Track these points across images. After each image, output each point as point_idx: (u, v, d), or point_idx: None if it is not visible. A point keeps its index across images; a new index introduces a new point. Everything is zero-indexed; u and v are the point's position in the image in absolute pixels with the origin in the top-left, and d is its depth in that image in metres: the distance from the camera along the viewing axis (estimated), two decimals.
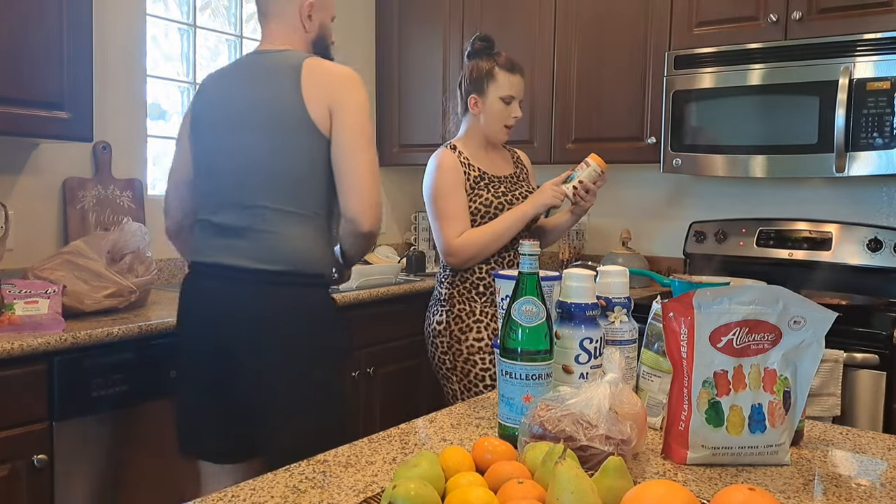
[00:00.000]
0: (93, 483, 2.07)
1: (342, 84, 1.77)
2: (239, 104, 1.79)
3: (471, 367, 2.26)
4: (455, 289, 2.32)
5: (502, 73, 2.27)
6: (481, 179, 2.29)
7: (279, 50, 1.85)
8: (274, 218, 1.74)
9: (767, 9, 2.67)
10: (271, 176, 1.75)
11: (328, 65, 1.81)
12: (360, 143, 1.75)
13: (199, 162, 1.87)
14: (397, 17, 3.69)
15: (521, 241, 1.20)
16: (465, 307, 2.29)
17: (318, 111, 1.74)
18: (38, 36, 2.18)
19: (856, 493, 1.03)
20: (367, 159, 1.76)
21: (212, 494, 0.99)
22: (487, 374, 2.23)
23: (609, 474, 0.88)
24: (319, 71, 1.77)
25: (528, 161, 2.51)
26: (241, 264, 1.73)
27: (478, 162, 2.32)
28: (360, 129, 1.76)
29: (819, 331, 1.12)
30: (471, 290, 2.30)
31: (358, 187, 1.75)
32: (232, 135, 1.79)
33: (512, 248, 2.32)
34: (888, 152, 2.40)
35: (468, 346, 2.26)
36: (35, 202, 2.56)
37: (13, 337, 1.90)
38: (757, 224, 2.97)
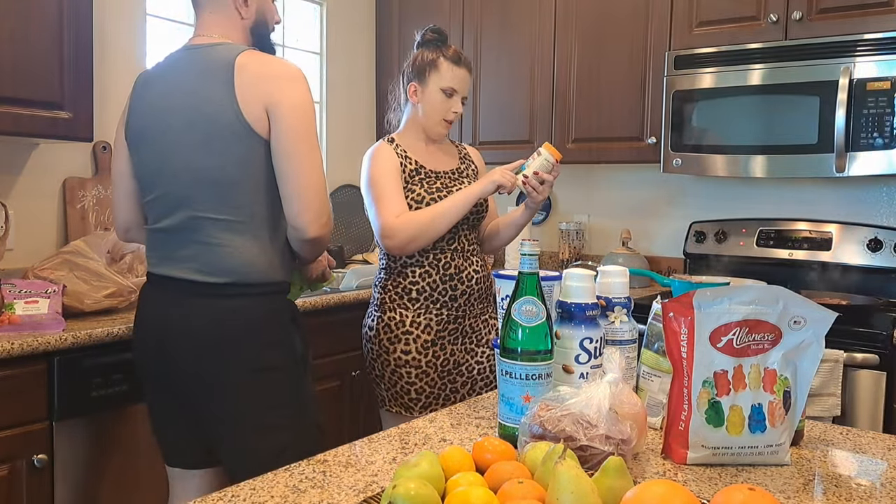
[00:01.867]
0: (93, 483, 2.07)
1: (278, 81, 1.64)
2: (171, 107, 1.68)
3: (397, 378, 2.12)
4: (387, 294, 2.15)
5: (447, 63, 2.17)
6: (417, 174, 2.15)
7: (212, 44, 1.70)
8: (213, 228, 1.65)
9: (767, 9, 2.67)
10: (209, 184, 1.64)
11: (264, 60, 1.67)
12: (301, 146, 1.63)
13: (138, 170, 1.77)
14: (397, 17, 3.69)
15: (521, 241, 1.20)
16: (394, 316, 2.12)
17: (254, 112, 1.61)
18: (39, 36, 2.18)
19: (856, 493, 1.03)
20: (309, 162, 1.63)
21: (212, 494, 0.99)
22: (413, 388, 2.10)
23: (609, 474, 0.88)
24: (253, 68, 1.64)
25: (479, 158, 2.36)
26: (186, 276, 1.66)
27: (416, 155, 2.18)
28: (299, 130, 1.63)
29: (819, 331, 1.12)
30: (402, 296, 2.13)
31: (299, 193, 1.63)
32: (167, 141, 1.68)
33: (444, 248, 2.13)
34: (888, 152, 2.40)
35: (395, 357, 2.11)
36: (35, 202, 2.56)
37: (13, 337, 1.90)
38: (757, 224, 2.97)
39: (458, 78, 2.18)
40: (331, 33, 3.59)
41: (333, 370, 2.75)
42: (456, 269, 2.13)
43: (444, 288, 2.12)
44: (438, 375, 2.12)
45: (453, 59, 2.18)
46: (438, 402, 2.14)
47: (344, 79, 3.67)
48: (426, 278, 2.12)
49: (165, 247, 1.71)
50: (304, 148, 1.63)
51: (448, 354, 2.13)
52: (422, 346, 2.10)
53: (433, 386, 2.12)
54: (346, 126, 3.69)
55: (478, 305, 2.19)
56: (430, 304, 2.11)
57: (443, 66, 2.17)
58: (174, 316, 1.68)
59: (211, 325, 1.65)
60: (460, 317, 2.15)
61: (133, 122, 1.77)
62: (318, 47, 3.59)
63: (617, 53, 3.02)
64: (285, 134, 1.62)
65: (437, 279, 2.12)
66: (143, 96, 1.76)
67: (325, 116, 3.61)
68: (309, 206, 1.64)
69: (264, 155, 1.64)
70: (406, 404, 2.12)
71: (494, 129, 3.37)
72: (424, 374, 2.10)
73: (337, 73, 3.64)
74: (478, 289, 2.18)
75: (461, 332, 2.16)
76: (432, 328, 2.11)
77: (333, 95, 3.63)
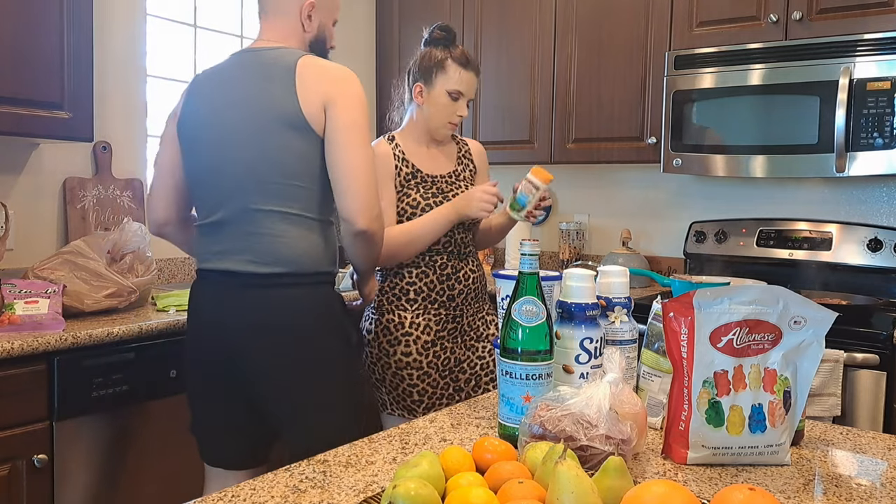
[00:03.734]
0: (93, 483, 2.07)
1: (336, 80, 1.73)
2: (231, 104, 1.76)
3: (399, 381, 2.10)
4: (384, 295, 2.13)
5: (454, 65, 2.12)
6: (413, 177, 2.13)
7: (273, 48, 1.80)
8: (267, 219, 1.71)
9: (767, 9, 2.67)
10: (264, 177, 1.72)
11: (323, 62, 1.78)
12: (353, 140, 1.71)
13: (190, 165, 1.84)
14: (397, 17, 3.69)
15: (521, 241, 1.20)
16: (393, 317, 2.10)
17: (312, 109, 1.70)
18: (39, 36, 2.18)
19: (856, 493, 1.03)
20: (360, 156, 1.71)
21: (212, 494, 0.99)
22: (415, 391, 2.09)
23: (609, 474, 0.88)
24: (314, 69, 1.74)
25: (479, 155, 2.32)
26: (240, 269, 1.72)
27: (414, 157, 2.16)
28: (352, 126, 1.71)
29: (819, 331, 1.12)
30: (400, 297, 2.12)
31: (349, 184, 1.70)
32: (224, 136, 1.75)
33: (440, 251, 2.13)
34: (888, 152, 2.40)
35: (396, 360, 2.09)
36: (35, 202, 2.56)
37: (13, 337, 1.90)
38: (757, 224, 2.97)
39: (465, 81, 2.14)
40: None
41: None
42: (453, 270, 2.13)
43: (442, 288, 2.12)
44: (440, 375, 2.11)
45: (461, 62, 2.14)
46: (442, 401, 2.13)
47: None
48: (423, 279, 2.11)
49: (218, 241, 1.76)
50: (356, 142, 1.71)
51: (448, 353, 2.12)
52: (422, 347, 2.09)
53: (436, 386, 2.11)
54: None
55: (474, 304, 2.19)
56: (429, 304, 2.11)
57: (450, 69, 2.13)
58: (230, 308, 1.72)
59: (269, 315, 1.71)
60: (458, 315, 2.14)
61: (188, 118, 1.83)
62: None
63: (617, 53, 3.02)
64: (339, 128, 1.70)
65: (434, 279, 2.11)
66: (200, 94, 1.83)
67: None
68: (357, 195, 1.71)
69: (319, 151, 1.72)
70: (409, 406, 2.12)
71: (494, 129, 3.37)
72: (426, 374, 2.09)
73: None
74: (474, 288, 2.18)
75: (460, 330, 2.15)
76: (431, 328, 2.10)
77: None
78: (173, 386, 2.22)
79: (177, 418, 2.25)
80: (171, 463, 2.24)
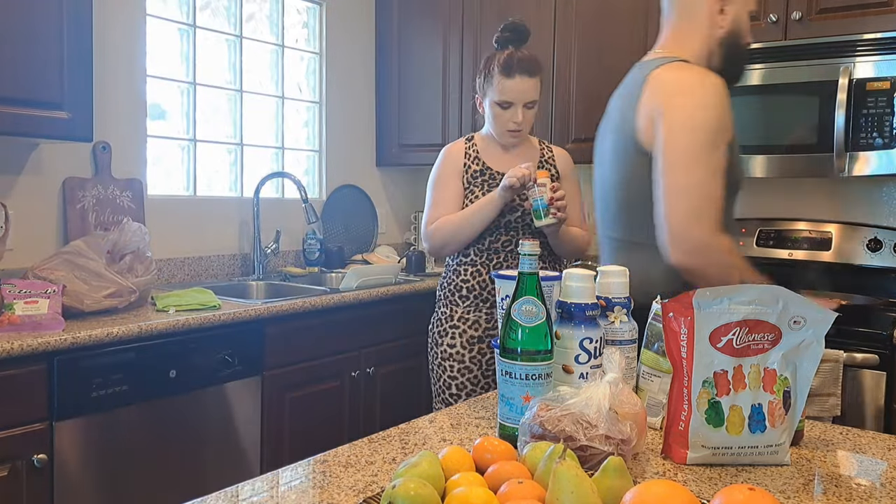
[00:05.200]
0: (93, 483, 2.07)
1: (669, 90, 1.53)
2: (605, 124, 1.69)
3: (441, 371, 2.19)
4: (443, 290, 2.25)
5: (498, 76, 2.09)
6: (481, 175, 2.17)
7: (652, 59, 1.64)
8: (617, 249, 1.63)
9: (767, 9, 2.67)
10: (613, 204, 1.62)
11: (674, 72, 1.56)
12: (672, 160, 1.48)
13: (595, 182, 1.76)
14: (397, 17, 3.69)
15: (521, 241, 1.20)
16: (446, 311, 2.21)
17: (644, 125, 1.54)
18: (38, 36, 2.18)
19: (856, 493, 1.03)
20: (675, 179, 1.47)
21: (212, 494, 0.99)
22: (454, 383, 2.13)
23: (609, 474, 0.88)
24: (658, 81, 1.55)
25: (563, 160, 2.30)
26: None
27: (488, 156, 2.20)
28: (674, 143, 1.48)
29: (819, 331, 1.12)
30: (455, 292, 2.21)
31: (660, 214, 1.50)
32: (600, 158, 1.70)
33: (498, 250, 2.16)
34: (888, 152, 2.40)
35: (441, 350, 2.18)
36: (35, 202, 2.56)
37: (13, 337, 1.90)
38: (757, 224, 2.97)
39: (510, 90, 2.08)
40: (331, 33, 3.59)
41: (333, 370, 2.75)
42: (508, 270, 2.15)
43: (494, 288, 2.12)
44: (482, 373, 2.14)
45: (505, 70, 2.07)
46: None
47: (344, 79, 3.67)
48: (477, 276, 2.16)
49: None
50: (676, 161, 1.49)
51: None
52: (467, 341, 2.15)
53: (475, 384, 2.13)
54: (345, 126, 3.69)
55: None
56: (481, 301, 2.16)
57: (495, 79, 2.10)
58: None
59: None
60: None
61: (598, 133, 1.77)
62: (318, 47, 3.59)
63: (617, 53, 3.02)
64: (662, 145, 1.51)
65: (486, 278, 2.15)
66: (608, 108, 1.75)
67: (324, 116, 3.61)
68: (665, 226, 1.50)
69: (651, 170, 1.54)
70: (447, 400, 2.16)
71: None
72: (467, 369, 2.13)
73: (337, 73, 3.63)
74: None
75: None
76: (480, 325, 2.15)
77: (333, 95, 3.63)
78: (173, 386, 2.22)
79: (177, 418, 2.25)
80: (170, 463, 2.24)
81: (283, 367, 2.57)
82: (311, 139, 3.62)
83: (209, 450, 2.34)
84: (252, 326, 2.45)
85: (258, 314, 2.44)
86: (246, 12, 3.28)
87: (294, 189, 3.17)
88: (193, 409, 2.29)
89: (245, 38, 3.28)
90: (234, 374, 2.40)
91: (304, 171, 3.60)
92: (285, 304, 2.54)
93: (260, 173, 3.30)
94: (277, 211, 3.34)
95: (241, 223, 3.21)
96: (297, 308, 2.57)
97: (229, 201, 3.20)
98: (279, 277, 3.17)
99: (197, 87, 3.10)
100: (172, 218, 2.96)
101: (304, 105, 3.58)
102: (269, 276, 3.16)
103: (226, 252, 3.16)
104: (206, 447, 2.33)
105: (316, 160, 3.63)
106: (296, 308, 2.56)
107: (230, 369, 2.38)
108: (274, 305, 2.50)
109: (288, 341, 2.58)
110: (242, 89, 3.28)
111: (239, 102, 3.28)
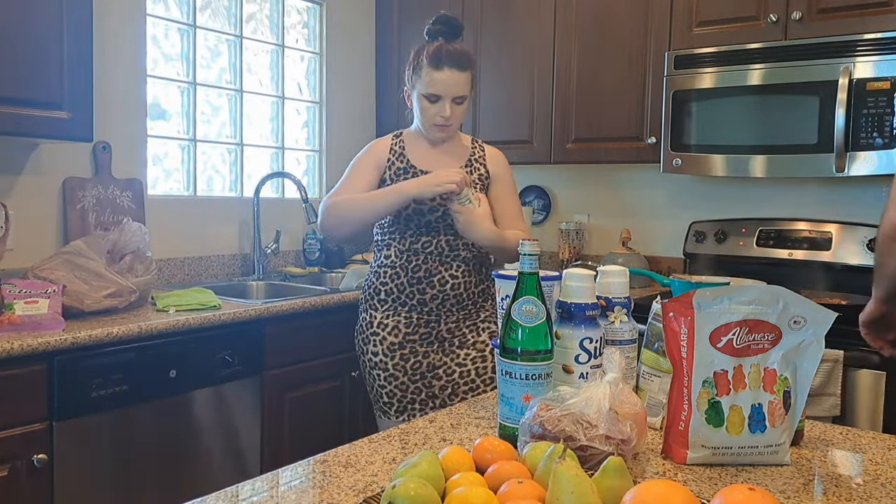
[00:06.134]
0: (92, 483, 2.07)
1: None
2: None
3: (371, 380, 2.09)
4: (364, 294, 2.13)
5: (426, 67, 1.99)
6: (404, 172, 2.05)
7: None
8: None
9: (767, 9, 2.67)
10: None
11: None
12: None
13: None
14: (397, 17, 3.69)
15: (521, 241, 1.19)
16: (366, 316, 2.10)
17: None
18: (38, 36, 2.18)
19: (856, 493, 1.03)
20: None
21: (212, 494, 0.99)
22: (384, 392, 2.06)
23: (609, 474, 0.88)
24: None
25: (495, 160, 2.16)
26: None
27: (413, 154, 2.08)
28: None
29: (819, 331, 1.12)
30: (374, 296, 2.09)
31: None
32: None
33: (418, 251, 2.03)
34: (888, 152, 2.40)
35: (367, 358, 2.09)
36: (35, 202, 2.56)
37: (13, 337, 1.90)
38: (757, 224, 2.97)
39: (438, 82, 1.99)
40: (331, 33, 3.59)
41: (333, 370, 2.75)
42: (426, 273, 2.03)
43: (412, 291, 2.04)
44: (410, 379, 2.05)
45: (433, 62, 1.99)
46: (414, 406, 2.06)
47: (344, 79, 3.67)
48: (395, 279, 2.05)
49: None
50: None
51: (420, 357, 2.05)
52: (388, 348, 2.04)
53: (405, 390, 2.05)
54: (345, 126, 3.69)
55: (457, 311, 2.07)
56: (399, 306, 2.05)
57: (423, 71, 2.01)
58: None
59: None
60: (433, 321, 2.05)
61: None
62: (318, 47, 3.59)
63: (617, 53, 3.02)
64: None
65: (404, 282, 2.04)
66: None
67: (324, 116, 3.61)
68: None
69: None
70: (381, 408, 2.09)
71: (494, 128, 3.36)
72: (393, 377, 2.05)
73: (337, 73, 3.63)
74: (454, 294, 2.05)
75: (436, 336, 2.06)
76: (400, 330, 2.05)
77: (333, 95, 3.63)
78: (173, 386, 2.22)
79: (177, 418, 2.25)
80: (170, 463, 2.24)
81: (283, 367, 2.57)
82: (311, 139, 3.62)
83: (209, 450, 2.34)
84: (252, 326, 2.45)
85: (258, 314, 2.44)
86: (246, 12, 3.28)
87: (294, 189, 3.17)
88: (193, 409, 2.29)
89: (245, 38, 3.28)
90: (234, 374, 2.40)
91: (303, 171, 3.60)
92: (285, 304, 2.54)
93: (260, 173, 3.30)
94: (277, 211, 3.34)
95: (241, 223, 3.22)
96: (297, 308, 2.57)
97: (229, 201, 3.20)
98: (279, 277, 3.17)
99: (197, 87, 3.10)
100: (172, 218, 2.96)
101: (304, 105, 3.58)
102: (269, 276, 3.16)
103: (226, 252, 3.16)
104: (205, 447, 2.33)
105: (316, 160, 3.63)
106: (296, 308, 2.57)
107: (230, 369, 2.38)
108: (274, 305, 2.50)
109: (288, 341, 2.58)
110: (242, 89, 3.28)
111: (239, 102, 3.28)
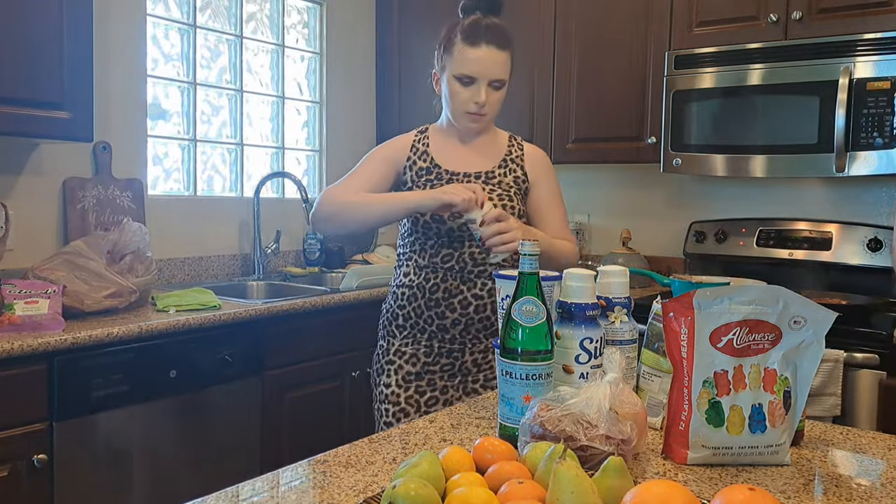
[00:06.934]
0: (93, 483, 2.07)
1: None
2: None
3: (378, 416, 1.84)
4: (383, 318, 1.90)
5: (459, 44, 1.73)
6: (426, 173, 1.81)
7: None
8: None
9: (767, 9, 2.67)
10: None
11: None
12: None
13: None
14: (397, 17, 3.69)
15: (521, 241, 1.19)
16: (383, 343, 1.87)
17: None
18: (38, 36, 2.18)
19: (856, 493, 1.03)
20: None
21: (212, 494, 0.99)
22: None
23: (609, 474, 0.88)
24: None
25: (534, 160, 1.91)
26: None
27: (439, 152, 1.84)
28: None
29: (819, 331, 1.12)
30: (391, 321, 1.86)
31: None
32: None
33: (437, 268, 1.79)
34: (888, 152, 2.40)
35: (379, 391, 1.85)
36: (35, 202, 2.56)
37: (13, 337, 1.90)
38: (757, 224, 2.97)
39: (474, 60, 1.72)
40: (331, 33, 3.59)
41: (333, 370, 2.75)
42: (445, 294, 1.79)
43: (430, 316, 1.80)
44: (420, 416, 1.79)
45: (469, 38, 1.72)
46: None
47: (344, 79, 3.67)
48: (412, 302, 1.82)
49: None
50: None
51: (438, 393, 1.82)
52: (403, 378, 1.81)
53: None
54: (345, 126, 3.69)
55: (485, 338, 1.82)
56: (418, 332, 1.82)
57: (455, 49, 1.74)
58: None
59: None
60: (456, 350, 1.81)
61: None
62: (318, 47, 3.59)
63: (617, 53, 3.02)
64: None
65: (421, 304, 1.81)
66: None
67: (324, 116, 3.61)
68: None
69: None
70: None
71: None
72: (403, 412, 1.80)
73: (337, 73, 3.63)
74: (478, 318, 1.80)
75: (459, 368, 1.82)
76: (419, 359, 1.82)
77: (333, 95, 3.63)
78: (173, 386, 2.22)
79: (177, 418, 2.25)
80: (170, 463, 2.24)
81: (283, 367, 2.57)
82: (311, 139, 3.62)
83: (209, 450, 2.34)
84: (252, 326, 2.45)
85: (258, 314, 2.44)
86: (246, 12, 3.28)
87: (294, 189, 3.17)
88: (193, 410, 2.29)
89: (245, 38, 3.28)
90: (234, 374, 2.40)
91: (304, 171, 3.60)
92: (285, 304, 2.54)
93: (260, 173, 3.30)
94: (277, 211, 3.34)
95: (241, 223, 3.22)
96: (297, 308, 2.57)
97: (229, 201, 3.20)
98: (279, 277, 3.17)
99: (197, 86, 3.10)
100: (172, 218, 2.96)
101: (304, 105, 3.58)
102: (269, 277, 3.16)
103: (226, 252, 3.16)
104: (205, 447, 2.33)
105: (316, 160, 3.63)
106: (296, 308, 2.57)
107: (230, 369, 2.38)
108: (274, 305, 2.50)
109: (288, 341, 2.58)
110: (242, 89, 3.28)
111: (239, 102, 3.28)
